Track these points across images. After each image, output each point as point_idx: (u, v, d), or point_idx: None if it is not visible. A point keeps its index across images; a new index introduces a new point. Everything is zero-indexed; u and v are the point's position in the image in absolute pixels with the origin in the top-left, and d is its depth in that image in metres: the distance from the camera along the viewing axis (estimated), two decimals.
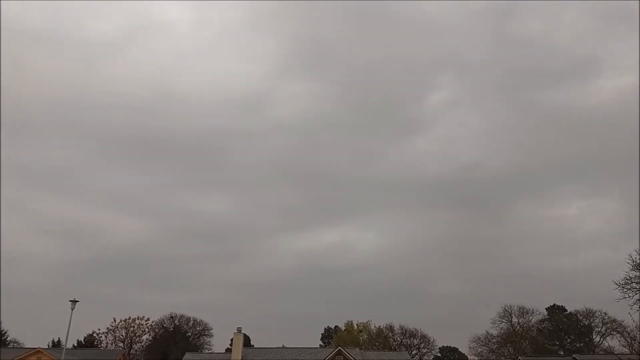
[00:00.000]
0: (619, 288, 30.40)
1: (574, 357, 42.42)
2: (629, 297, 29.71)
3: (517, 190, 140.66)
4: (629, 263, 31.11)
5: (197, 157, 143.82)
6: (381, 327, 71.36)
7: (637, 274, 31.20)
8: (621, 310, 71.23)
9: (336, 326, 78.19)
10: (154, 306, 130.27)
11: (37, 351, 37.03)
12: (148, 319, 74.70)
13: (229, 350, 49.05)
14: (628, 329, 48.14)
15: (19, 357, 36.23)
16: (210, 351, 67.25)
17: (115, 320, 73.12)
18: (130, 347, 71.43)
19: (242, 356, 40.96)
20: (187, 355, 45.05)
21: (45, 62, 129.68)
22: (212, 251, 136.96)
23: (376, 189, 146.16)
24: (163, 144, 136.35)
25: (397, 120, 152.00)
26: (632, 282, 30.95)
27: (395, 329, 70.78)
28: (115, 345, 69.74)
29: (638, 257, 30.85)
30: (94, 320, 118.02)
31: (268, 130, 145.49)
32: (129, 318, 73.75)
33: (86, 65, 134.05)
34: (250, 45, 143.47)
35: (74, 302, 29.73)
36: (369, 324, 72.39)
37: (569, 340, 65.33)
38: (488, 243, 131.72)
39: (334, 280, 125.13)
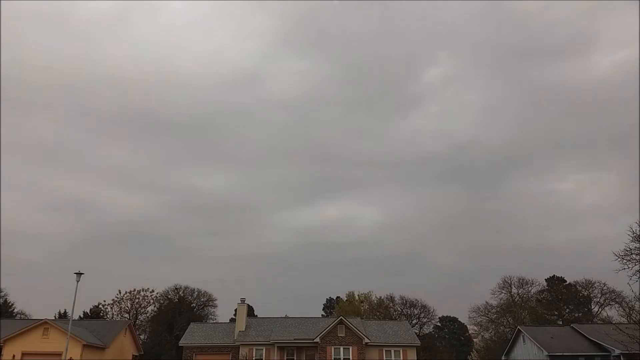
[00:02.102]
0: (619, 259, 30.63)
1: (572, 327, 43.07)
2: (629, 268, 29.96)
3: (515, 165, 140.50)
4: (629, 234, 31.24)
5: (194, 134, 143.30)
6: (382, 297, 72.50)
7: (637, 245, 31.42)
8: (620, 281, 72.28)
9: (338, 297, 79.45)
10: (157, 279, 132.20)
11: (44, 322, 37.57)
12: (153, 291, 75.88)
13: (233, 320, 49.95)
14: (627, 299, 48.85)
15: (26, 328, 36.83)
16: (214, 321, 68.52)
17: (120, 292, 74.29)
18: (136, 318, 72.79)
19: (246, 325, 41.78)
20: (192, 325, 45.92)
21: (42, 40, 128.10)
22: (212, 227, 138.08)
23: (374, 165, 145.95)
24: (159, 121, 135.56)
25: (393, 96, 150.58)
26: (631, 254, 31.18)
27: (395, 299, 71.94)
28: (121, 316, 71.03)
29: (638, 228, 30.98)
30: (99, 292, 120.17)
31: (264, 107, 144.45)
32: (134, 290, 74.89)
33: (82, 42, 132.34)
34: (245, 21, 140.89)
35: (79, 274, 30.13)
36: (370, 295, 73.51)
37: (567, 310, 66.29)
38: (486, 217, 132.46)
39: (335, 254, 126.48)
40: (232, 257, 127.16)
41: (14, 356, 35.65)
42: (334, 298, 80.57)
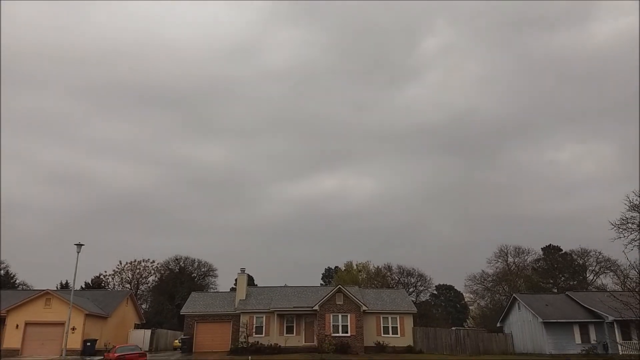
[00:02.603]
0: (615, 228, 30.96)
1: (567, 294, 43.80)
2: (624, 237, 30.29)
3: (512, 135, 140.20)
4: (625, 204, 31.49)
5: (190, 107, 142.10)
6: (379, 267, 73.46)
7: (634, 214, 31.68)
8: (615, 250, 73.02)
9: (336, 267, 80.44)
10: (157, 251, 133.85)
11: (45, 292, 37.99)
12: (153, 261, 76.75)
13: (233, 290, 50.66)
14: (622, 267, 49.47)
15: (28, 298, 37.27)
16: (215, 291, 69.49)
17: (121, 263, 75.11)
18: (137, 288, 73.82)
19: (246, 294, 42.40)
20: (193, 294, 46.57)
21: (35, 13, 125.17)
22: (210, 199, 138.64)
23: (371, 136, 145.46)
24: (155, 94, 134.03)
25: (390, 67, 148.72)
26: (628, 223, 31.49)
27: (393, 268, 72.89)
28: (122, 286, 72.01)
29: (636, 198, 31.16)
30: (99, 263, 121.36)
31: (260, 78, 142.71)
32: (135, 260, 75.72)
33: (74, 15, 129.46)
34: None
35: (80, 245, 30.32)
36: (368, 265, 74.48)
37: (563, 278, 67.30)
38: (484, 187, 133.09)
39: (333, 225, 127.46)
40: (231, 229, 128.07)
41: (17, 326, 36.21)
42: (333, 268, 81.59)
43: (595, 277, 65.36)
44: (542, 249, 70.83)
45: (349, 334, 37.15)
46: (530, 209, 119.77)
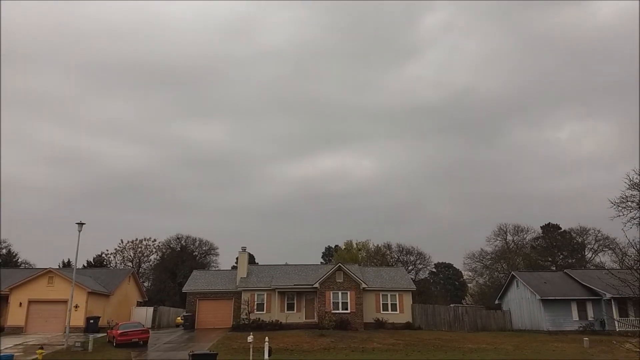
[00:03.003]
0: (614, 206, 30.97)
1: (565, 272, 44.19)
2: (624, 215, 30.33)
3: (512, 114, 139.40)
4: (625, 182, 31.43)
5: (190, 86, 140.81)
6: (379, 245, 73.88)
7: (634, 192, 31.67)
8: (614, 228, 73.26)
9: (336, 245, 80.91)
10: (158, 230, 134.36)
11: (48, 271, 38.31)
12: (155, 240, 77.21)
13: (234, 268, 51.07)
14: (620, 246, 49.81)
15: (31, 277, 37.61)
16: (216, 269, 70.06)
17: (122, 242, 75.59)
18: (139, 267, 74.44)
19: (248, 273, 42.78)
20: (195, 273, 47.00)
21: None
22: (210, 179, 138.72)
23: (370, 116, 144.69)
24: (153, 73, 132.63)
25: (389, 46, 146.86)
26: (627, 201, 31.50)
27: (392, 247, 73.37)
28: (124, 265, 72.57)
29: (635, 176, 31.10)
30: (101, 243, 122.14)
31: (260, 57, 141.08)
32: (136, 239, 76.16)
33: None
34: None
35: (81, 224, 30.39)
36: (368, 243, 74.86)
37: (561, 256, 67.78)
38: (483, 167, 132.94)
39: (333, 204, 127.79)
40: (231, 209, 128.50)
41: (20, 304, 36.62)
42: (333, 247, 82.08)
43: (593, 255, 65.83)
44: (541, 227, 71.17)
45: (348, 311, 37.62)
46: (530, 188, 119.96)
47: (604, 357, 24.62)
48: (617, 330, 33.72)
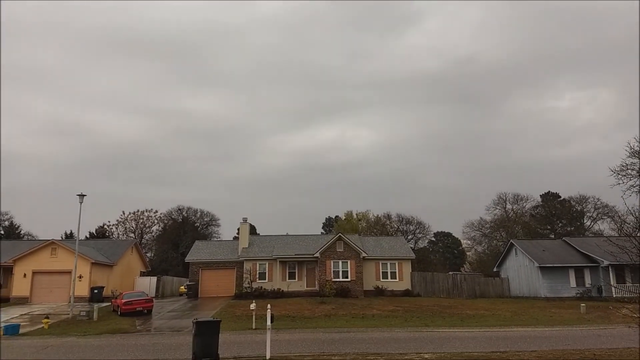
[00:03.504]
0: (614, 174, 30.98)
1: (563, 240, 44.57)
2: (623, 183, 30.36)
3: (513, 83, 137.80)
4: (626, 150, 31.34)
5: (186, 56, 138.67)
6: (379, 215, 74.36)
7: (634, 160, 31.61)
8: (614, 196, 73.40)
9: (336, 216, 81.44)
10: (158, 201, 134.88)
11: (51, 242, 38.62)
12: (156, 211, 77.68)
13: (236, 239, 51.53)
14: (619, 213, 50.11)
15: (34, 248, 37.95)
16: (218, 239, 70.70)
17: (124, 213, 76.05)
18: (142, 237, 75.11)
19: (249, 243, 43.18)
20: (197, 243, 47.45)
21: None
22: (209, 151, 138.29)
23: (370, 85, 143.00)
24: (149, 43, 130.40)
25: (389, 13, 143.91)
26: (627, 169, 31.49)
27: (392, 217, 73.84)
28: (126, 236, 73.19)
29: (636, 144, 30.97)
30: (102, 214, 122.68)
31: (256, 26, 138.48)
32: (138, 211, 76.59)
33: None
34: None
35: (82, 196, 30.46)
36: (368, 214, 75.36)
37: (560, 224, 68.27)
38: (483, 136, 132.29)
39: (333, 175, 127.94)
40: (231, 180, 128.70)
41: (25, 275, 37.08)
42: (333, 217, 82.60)
43: (592, 223, 66.30)
44: (540, 196, 71.44)
45: (349, 279, 38.16)
46: (530, 157, 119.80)
47: (601, 322, 25.11)
48: (614, 296, 34.22)
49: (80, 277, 36.16)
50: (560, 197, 70.37)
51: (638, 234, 14.84)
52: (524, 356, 14.02)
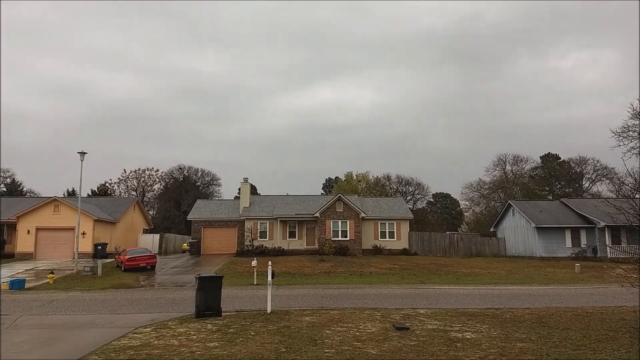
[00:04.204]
0: (615, 136, 30.83)
1: (561, 201, 44.92)
2: (624, 144, 30.26)
3: (516, 43, 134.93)
4: (628, 111, 31.10)
5: (187, 14, 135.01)
6: (379, 177, 74.58)
7: (636, 122, 31.40)
8: (613, 158, 73.48)
9: (336, 177, 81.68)
10: (158, 161, 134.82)
11: (53, 199, 38.89)
12: (157, 170, 77.85)
13: (237, 198, 51.90)
14: (618, 175, 50.27)
15: (37, 205, 38.25)
16: (219, 198, 71.18)
17: (125, 171, 76.20)
18: (143, 196, 75.58)
19: (250, 202, 43.55)
20: (199, 202, 47.84)
21: None
22: (208, 111, 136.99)
23: (371, 45, 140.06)
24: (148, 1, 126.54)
25: None
26: (629, 130, 31.32)
27: (392, 178, 74.03)
28: (128, 194, 73.63)
29: (639, 105, 30.66)
30: (102, 173, 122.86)
31: None
32: (139, 169, 76.76)
33: None
34: None
35: (83, 153, 30.46)
36: (368, 175, 75.50)
37: (559, 186, 68.55)
38: (485, 98, 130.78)
39: (333, 137, 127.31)
40: (232, 140, 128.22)
41: (28, 231, 37.57)
42: (333, 178, 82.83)
43: (591, 185, 66.59)
44: (540, 157, 71.38)
45: (348, 238, 38.74)
46: (532, 118, 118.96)
47: (594, 281, 25.68)
48: (609, 256, 34.86)
49: (83, 233, 36.66)
50: (560, 158, 70.32)
51: (636, 196, 14.97)
52: (518, 313, 14.43)
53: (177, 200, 71.57)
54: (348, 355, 9.11)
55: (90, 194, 67.62)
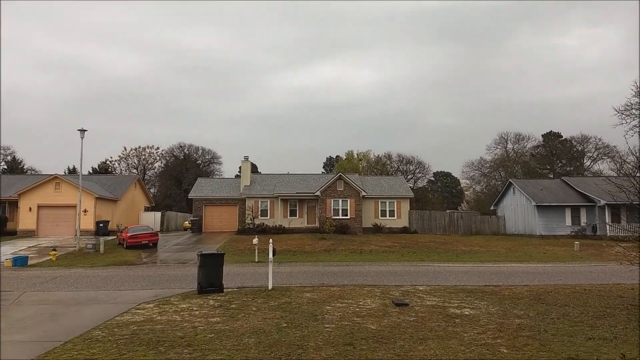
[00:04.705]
0: (618, 114, 30.64)
1: (562, 179, 44.91)
2: (627, 122, 30.08)
3: (518, 18, 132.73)
4: (632, 89, 30.79)
5: None
6: (379, 155, 74.47)
7: (639, 100, 31.14)
8: (615, 137, 73.28)
9: (337, 156, 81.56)
10: (158, 138, 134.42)
11: (54, 177, 38.89)
12: (158, 148, 77.76)
13: (238, 177, 51.94)
14: (620, 153, 50.15)
15: (38, 182, 38.27)
16: (220, 177, 71.22)
17: (126, 149, 76.09)
18: (144, 174, 75.66)
19: (251, 181, 43.59)
20: (200, 180, 47.88)
21: None
22: (208, 88, 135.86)
23: (371, 21, 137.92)
24: None
25: None
26: (632, 108, 31.09)
27: (393, 157, 73.97)
28: (129, 172, 73.67)
29: None
30: (103, 151, 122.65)
31: None
32: (139, 147, 76.63)
33: None
34: None
35: (83, 131, 30.37)
36: (368, 153, 75.40)
37: (560, 164, 68.45)
38: (486, 75, 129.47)
39: (333, 115, 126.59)
40: (232, 118, 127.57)
41: (30, 208, 37.70)
42: (334, 157, 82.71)
43: (592, 163, 66.49)
44: (542, 135, 71.09)
45: (348, 217, 38.88)
46: (533, 96, 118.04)
47: (593, 259, 25.85)
48: (608, 235, 35.01)
49: (85, 211, 36.82)
50: (561, 136, 70.03)
51: (638, 174, 14.94)
52: (516, 290, 14.57)
53: (178, 178, 71.66)
54: (348, 330, 9.23)
55: (91, 171, 67.66)
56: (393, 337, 8.77)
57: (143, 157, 76.80)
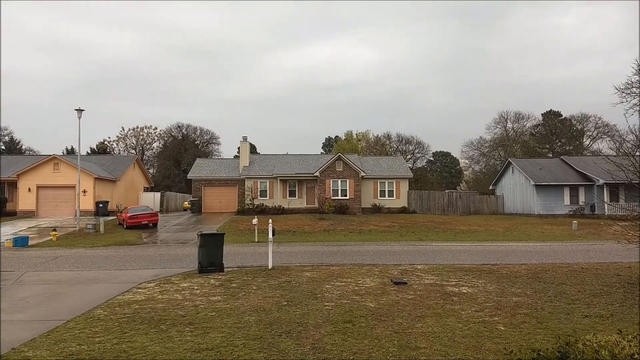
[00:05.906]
0: (618, 93, 30.46)
1: (561, 158, 44.88)
2: (627, 101, 29.93)
3: None
4: (633, 67, 30.60)
5: None
6: (379, 136, 74.24)
7: (639, 78, 30.92)
8: (615, 116, 72.98)
9: (336, 136, 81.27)
10: (156, 118, 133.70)
11: (53, 157, 38.79)
12: (156, 128, 77.42)
13: (237, 157, 51.83)
14: (620, 132, 50.08)
15: (37, 163, 38.20)
16: (219, 157, 71.10)
17: (124, 129, 75.77)
18: (143, 154, 75.48)
19: (250, 162, 43.52)
20: (199, 160, 47.79)
21: None
22: (204, 68, 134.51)
23: (369, 1, 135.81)
24: None
25: None
26: (632, 87, 30.90)
27: (392, 137, 73.74)
28: (127, 152, 73.50)
29: None
30: (101, 131, 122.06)
31: None
32: (137, 127, 76.28)
33: None
34: None
35: (80, 110, 30.15)
36: (368, 134, 75.16)
37: (559, 143, 68.34)
38: (485, 55, 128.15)
39: (332, 95, 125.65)
40: (230, 99, 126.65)
41: (29, 189, 37.70)
42: (333, 137, 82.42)
43: (591, 143, 66.39)
44: (542, 114, 70.80)
45: (347, 197, 38.97)
46: (533, 75, 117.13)
47: (591, 238, 26.02)
48: (606, 214, 35.15)
49: (84, 191, 36.84)
50: (561, 115, 69.75)
51: (637, 153, 14.92)
52: (514, 268, 14.69)
53: (177, 158, 71.51)
54: (347, 308, 9.33)
55: (89, 152, 67.44)
56: (391, 314, 8.88)
57: (141, 137, 76.55)
